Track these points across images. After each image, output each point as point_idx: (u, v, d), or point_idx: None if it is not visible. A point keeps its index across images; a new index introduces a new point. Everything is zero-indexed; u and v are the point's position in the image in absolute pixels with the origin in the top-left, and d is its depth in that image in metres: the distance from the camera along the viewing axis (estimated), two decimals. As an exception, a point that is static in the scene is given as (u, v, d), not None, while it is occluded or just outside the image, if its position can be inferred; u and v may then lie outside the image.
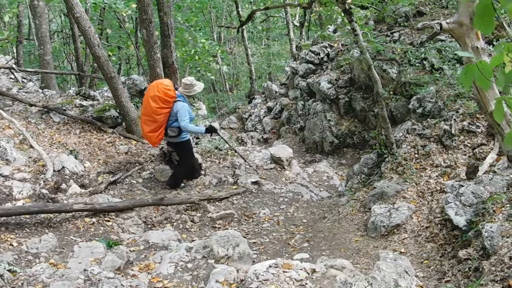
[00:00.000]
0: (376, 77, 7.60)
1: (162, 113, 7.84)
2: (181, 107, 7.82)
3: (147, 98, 7.94)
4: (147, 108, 7.93)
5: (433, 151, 7.17)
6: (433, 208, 5.91)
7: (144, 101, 8.14)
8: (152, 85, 8.16)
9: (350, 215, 6.93)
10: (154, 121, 7.88)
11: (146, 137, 8.27)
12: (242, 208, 7.61)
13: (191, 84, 8.14)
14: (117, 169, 8.49)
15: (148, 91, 8.07)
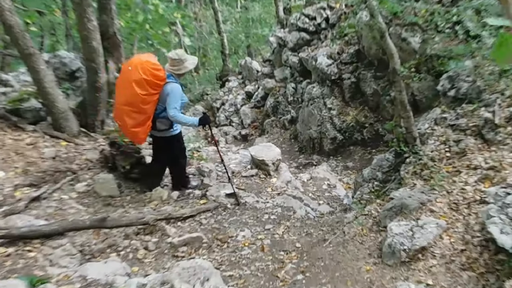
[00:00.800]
0: (392, 48, 7.64)
1: (152, 101, 7.93)
2: (173, 90, 7.91)
3: (128, 83, 7.92)
4: (129, 96, 7.93)
5: (470, 148, 7.23)
6: (470, 225, 5.96)
7: (120, 86, 8.16)
8: (133, 64, 8.08)
9: (359, 236, 6.96)
10: (141, 112, 7.94)
11: (130, 134, 8.29)
12: (213, 229, 7.61)
13: (180, 59, 8.19)
14: (42, 180, 8.42)
15: (127, 73, 8.04)
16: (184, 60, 8.22)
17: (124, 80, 8.02)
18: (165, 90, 7.91)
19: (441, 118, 8.01)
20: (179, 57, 8.16)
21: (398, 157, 8.19)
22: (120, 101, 8.11)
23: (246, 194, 8.65)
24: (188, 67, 8.28)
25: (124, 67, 8.25)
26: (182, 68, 8.20)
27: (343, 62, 12.76)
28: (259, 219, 8.05)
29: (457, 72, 8.46)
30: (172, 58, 8.20)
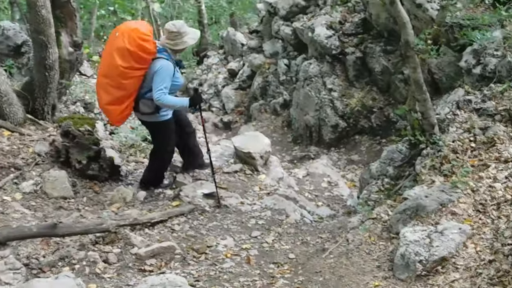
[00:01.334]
0: (404, 16, 7.60)
1: (133, 76, 7.88)
2: (162, 68, 7.85)
3: (109, 51, 7.93)
4: (108, 66, 7.97)
5: (500, 137, 7.23)
6: (500, 230, 5.96)
7: (104, 55, 8.20)
8: (120, 30, 8.08)
9: (366, 245, 6.94)
10: (119, 87, 7.91)
11: (105, 111, 8.36)
12: (188, 238, 7.57)
13: (178, 32, 8.13)
14: (-22, 178, 8.38)
15: (112, 41, 8.04)
16: (184, 33, 8.16)
17: (107, 48, 8.10)
18: (153, 67, 7.87)
19: (464, 101, 8.02)
20: (178, 30, 8.10)
21: (413, 149, 8.19)
22: (100, 72, 8.22)
23: (228, 194, 8.61)
24: (187, 42, 8.25)
25: (111, 33, 8.25)
26: (180, 43, 8.17)
27: (346, 33, 12.77)
28: (244, 225, 8.02)
29: (483, 45, 8.46)
30: (169, 31, 8.15)
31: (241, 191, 8.86)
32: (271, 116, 14.62)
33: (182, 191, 8.48)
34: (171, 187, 8.89)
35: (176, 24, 8.18)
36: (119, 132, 10.26)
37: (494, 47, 8.33)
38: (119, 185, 8.70)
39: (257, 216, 8.25)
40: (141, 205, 8.27)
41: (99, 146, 8.90)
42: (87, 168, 8.75)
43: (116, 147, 9.66)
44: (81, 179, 8.76)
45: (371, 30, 12.45)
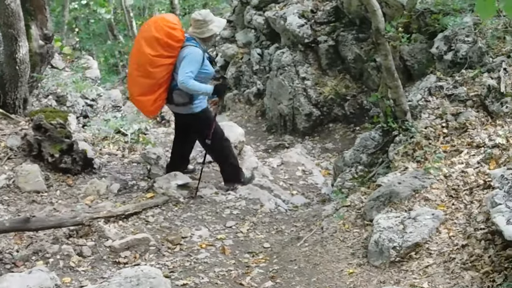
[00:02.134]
0: (375, 4, 7.60)
1: (163, 64, 7.92)
2: (190, 53, 7.91)
3: (138, 42, 8.07)
4: (137, 56, 8.03)
5: (472, 123, 7.27)
6: (473, 215, 5.98)
7: (134, 47, 8.25)
8: (149, 22, 8.29)
9: (340, 233, 6.96)
10: (148, 76, 7.93)
11: (137, 103, 8.38)
12: (162, 229, 7.55)
13: (204, 20, 8.19)
14: None
15: (142, 32, 8.20)
16: (209, 21, 8.23)
17: (137, 40, 8.24)
18: (182, 54, 7.91)
19: (436, 87, 8.04)
20: (203, 18, 8.17)
21: (385, 136, 8.21)
22: (130, 66, 8.31)
23: (203, 185, 8.59)
24: (213, 29, 8.31)
25: (142, 27, 8.55)
26: (206, 31, 8.21)
27: (318, 21, 12.76)
28: (219, 215, 8.02)
29: (454, 31, 8.48)
30: (194, 19, 8.24)
31: (215, 182, 8.86)
32: (245, 106, 14.60)
33: (156, 182, 8.45)
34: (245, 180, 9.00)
35: (202, 13, 8.31)
36: (92, 124, 10.21)
37: (465, 33, 8.36)
38: (93, 178, 8.65)
39: (231, 206, 8.25)
40: (115, 197, 8.23)
41: (71, 139, 8.84)
42: (60, 161, 8.69)
43: (89, 139, 9.62)
44: (54, 173, 8.70)
45: (343, 18, 12.46)
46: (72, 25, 28.57)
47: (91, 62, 14.71)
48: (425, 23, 9.44)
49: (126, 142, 9.79)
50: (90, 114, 10.78)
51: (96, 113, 10.98)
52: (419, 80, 9.02)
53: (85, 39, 29.59)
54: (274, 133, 12.98)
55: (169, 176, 8.59)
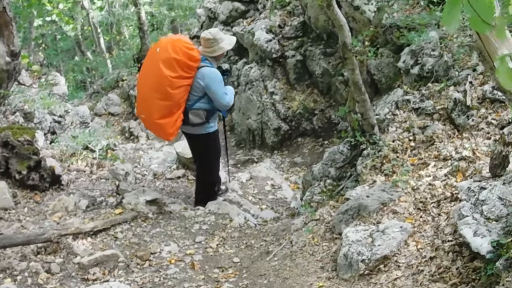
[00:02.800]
0: (341, 19, 7.64)
1: (182, 85, 7.96)
2: (211, 75, 8.04)
3: (155, 65, 7.97)
4: (155, 79, 7.98)
5: (439, 136, 7.32)
6: (440, 227, 6.01)
7: (144, 72, 8.28)
8: (161, 44, 8.16)
9: (309, 246, 6.96)
10: (168, 98, 7.94)
11: (156, 127, 8.38)
12: (131, 245, 7.51)
13: (215, 38, 8.25)
14: None
15: (154, 55, 8.10)
16: (220, 39, 8.29)
17: (149, 64, 8.17)
18: (200, 75, 8.00)
19: (403, 101, 8.09)
20: (213, 37, 8.23)
21: (353, 149, 8.24)
22: (143, 90, 8.24)
23: (171, 200, 8.57)
24: (224, 47, 8.39)
25: (150, 50, 8.54)
26: (217, 49, 8.28)
27: (285, 36, 12.80)
28: (188, 230, 8.00)
29: (420, 45, 8.55)
30: (205, 38, 8.29)
31: (184, 197, 8.85)
32: (214, 120, 14.61)
33: (125, 198, 8.41)
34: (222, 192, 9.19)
35: (211, 32, 8.37)
36: (59, 141, 10.15)
37: (431, 47, 8.43)
38: (61, 195, 8.61)
39: (200, 221, 8.23)
40: (83, 214, 8.19)
41: (39, 155, 8.80)
42: (28, 178, 8.64)
43: (57, 156, 9.57)
44: (21, 190, 8.65)
45: (311, 33, 12.51)
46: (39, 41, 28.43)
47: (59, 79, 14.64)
48: (392, 37, 9.50)
49: (94, 158, 9.76)
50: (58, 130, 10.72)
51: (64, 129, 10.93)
52: (386, 94, 9.08)
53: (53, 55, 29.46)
54: (243, 148, 12.99)
55: (137, 192, 8.56)
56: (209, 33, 8.28)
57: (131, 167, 9.40)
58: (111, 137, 11.25)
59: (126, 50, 26.81)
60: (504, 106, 7.06)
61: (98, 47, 26.91)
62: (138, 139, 14.68)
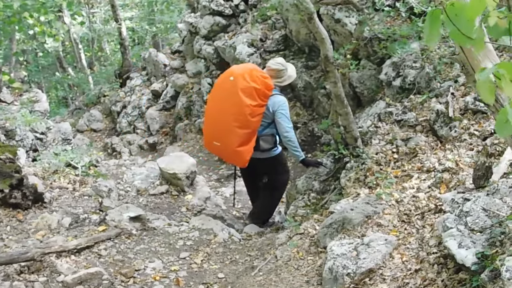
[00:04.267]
0: (323, 32, 7.66)
1: (260, 113, 8.09)
2: (283, 105, 8.17)
3: (233, 94, 8.02)
4: (234, 108, 8.05)
5: (422, 147, 7.34)
6: (425, 239, 6.01)
7: (218, 100, 8.35)
8: (235, 73, 8.20)
9: (294, 261, 6.94)
10: (247, 126, 8.03)
11: (234, 155, 8.38)
12: (115, 262, 7.47)
13: (285, 67, 8.40)
14: None
15: (228, 84, 8.16)
16: (287, 68, 8.41)
17: (224, 93, 8.21)
18: (271, 103, 8.11)
19: (386, 113, 8.12)
20: (284, 67, 8.39)
21: (337, 162, 8.24)
22: (221, 119, 8.23)
23: (155, 217, 8.54)
24: (292, 75, 8.53)
25: (221, 79, 8.45)
26: (286, 78, 8.43)
27: (267, 50, 12.83)
28: (172, 246, 7.96)
29: (402, 57, 8.58)
30: (277, 69, 8.34)
31: (168, 213, 8.82)
32: (196, 135, 14.57)
33: (108, 215, 8.37)
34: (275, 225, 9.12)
35: (279, 61, 8.46)
36: (41, 158, 10.10)
37: (412, 59, 8.46)
38: (44, 212, 8.54)
39: (185, 237, 8.20)
40: (66, 231, 8.12)
41: (21, 173, 8.73)
42: (10, 196, 8.57)
43: (39, 173, 9.51)
44: (3, 208, 8.57)
45: (292, 46, 12.54)
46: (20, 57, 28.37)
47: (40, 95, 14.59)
48: (373, 50, 9.53)
49: (77, 175, 9.71)
50: (40, 147, 10.67)
51: (45, 146, 10.88)
52: (369, 106, 9.10)
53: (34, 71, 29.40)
54: (226, 163, 12.96)
55: (121, 209, 8.53)
56: (280, 64, 8.35)
57: (114, 184, 9.36)
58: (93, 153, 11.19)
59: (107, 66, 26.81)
60: (486, 117, 7.09)
61: (79, 63, 26.86)
62: (120, 155, 14.67)
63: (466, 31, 2.38)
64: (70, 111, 21.06)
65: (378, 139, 7.83)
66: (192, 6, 17.71)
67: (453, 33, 2.41)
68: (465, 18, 2.37)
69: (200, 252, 7.86)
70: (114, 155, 14.82)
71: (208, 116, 8.63)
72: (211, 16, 14.66)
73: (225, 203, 9.76)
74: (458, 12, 2.37)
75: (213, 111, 8.52)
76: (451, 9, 2.37)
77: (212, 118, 8.53)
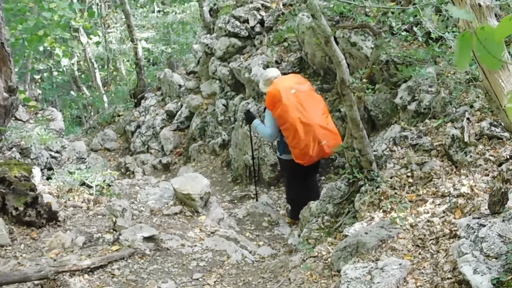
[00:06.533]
0: (339, 55, 7.67)
1: None
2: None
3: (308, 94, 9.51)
4: (320, 103, 9.67)
5: (437, 172, 7.32)
6: (439, 264, 5.99)
7: (309, 104, 9.37)
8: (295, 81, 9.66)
9: (307, 284, 6.92)
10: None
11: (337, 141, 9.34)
12: (128, 282, 7.47)
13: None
14: None
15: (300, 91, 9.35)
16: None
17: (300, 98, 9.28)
18: None
19: (401, 137, 8.10)
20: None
21: (351, 186, 8.22)
22: (313, 113, 9.34)
23: (168, 237, 8.55)
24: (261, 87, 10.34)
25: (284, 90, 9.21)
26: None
27: (282, 72, 12.80)
28: (185, 267, 7.96)
29: (417, 81, 8.58)
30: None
31: (182, 233, 8.81)
32: (210, 156, 14.58)
33: (122, 235, 8.39)
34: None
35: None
36: (56, 177, 10.14)
37: (428, 84, 8.46)
38: (57, 231, 8.57)
39: (198, 258, 8.20)
40: (80, 250, 8.14)
41: (36, 192, 8.77)
42: (24, 214, 8.60)
43: (53, 192, 9.54)
44: (18, 226, 8.61)
45: (308, 69, 12.56)
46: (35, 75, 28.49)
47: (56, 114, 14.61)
48: (389, 74, 9.55)
49: (91, 194, 9.73)
50: (55, 166, 10.69)
51: (60, 165, 10.91)
52: (384, 130, 9.10)
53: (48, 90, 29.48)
54: (240, 184, 12.95)
55: (134, 228, 8.54)
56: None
57: (128, 203, 9.38)
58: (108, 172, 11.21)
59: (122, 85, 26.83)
60: (502, 142, 7.07)
61: (94, 82, 26.88)
62: (134, 174, 14.68)
63: (496, 54, 2.40)
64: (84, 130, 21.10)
65: (393, 163, 7.83)
66: (208, 27, 17.76)
67: (482, 57, 2.43)
68: (494, 41, 2.38)
69: (213, 274, 7.85)
70: (128, 175, 14.83)
71: (306, 125, 9.22)
72: (226, 37, 14.70)
73: (239, 224, 9.76)
74: (488, 35, 2.38)
75: (308, 118, 9.24)
76: (481, 33, 2.38)
77: (310, 126, 9.25)
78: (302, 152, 9.32)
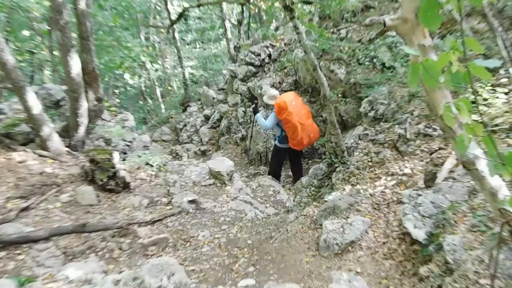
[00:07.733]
0: (322, 78, 7.64)
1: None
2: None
3: (301, 106, 9.71)
4: (306, 111, 9.75)
5: (388, 158, 7.27)
6: (390, 221, 5.95)
7: (299, 112, 9.52)
8: (291, 97, 9.67)
9: (299, 233, 6.90)
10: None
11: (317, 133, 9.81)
12: (177, 231, 7.46)
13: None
14: (30, 192, 8.14)
15: (297, 104, 9.59)
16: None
17: (299, 107, 9.56)
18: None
19: (363, 134, 8.03)
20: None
21: (330, 167, 8.18)
22: (305, 117, 9.60)
23: (205, 200, 8.52)
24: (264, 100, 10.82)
25: (289, 100, 9.51)
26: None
27: (283, 89, 12.76)
28: (216, 221, 7.94)
29: (375, 96, 8.51)
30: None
31: (213, 198, 8.78)
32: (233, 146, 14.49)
33: (173, 198, 8.37)
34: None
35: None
36: (129, 158, 10.11)
37: (382, 98, 8.38)
38: (129, 196, 8.56)
39: (225, 215, 8.17)
40: (145, 209, 8.14)
41: (115, 168, 8.74)
42: (107, 184, 8.59)
43: (127, 169, 9.51)
44: (102, 192, 8.59)
45: (300, 87, 12.47)
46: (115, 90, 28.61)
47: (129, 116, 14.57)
48: (356, 91, 9.46)
49: (153, 171, 9.69)
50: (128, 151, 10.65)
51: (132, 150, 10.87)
52: (352, 130, 9.01)
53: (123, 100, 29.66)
54: (253, 165, 12.88)
55: (182, 194, 8.51)
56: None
57: (177, 177, 9.33)
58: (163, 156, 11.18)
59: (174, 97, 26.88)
60: (433, 139, 7.01)
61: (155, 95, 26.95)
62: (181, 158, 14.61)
63: (435, 78, 2.41)
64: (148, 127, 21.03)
65: (358, 152, 7.76)
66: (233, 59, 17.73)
67: (426, 79, 2.44)
68: (434, 70, 2.40)
69: (235, 226, 7.82)
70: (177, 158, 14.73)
71: (303, 125, 9.49)
72: (245, 65, 14.61)
73: (252, 192, 9.69)
74: (430, 66, 2.41)
75: (302, 121, 9.50)
76: (426, 63, 2.41)
77: (301, 120, 9.50)
78: (298, 142, 9.54)
